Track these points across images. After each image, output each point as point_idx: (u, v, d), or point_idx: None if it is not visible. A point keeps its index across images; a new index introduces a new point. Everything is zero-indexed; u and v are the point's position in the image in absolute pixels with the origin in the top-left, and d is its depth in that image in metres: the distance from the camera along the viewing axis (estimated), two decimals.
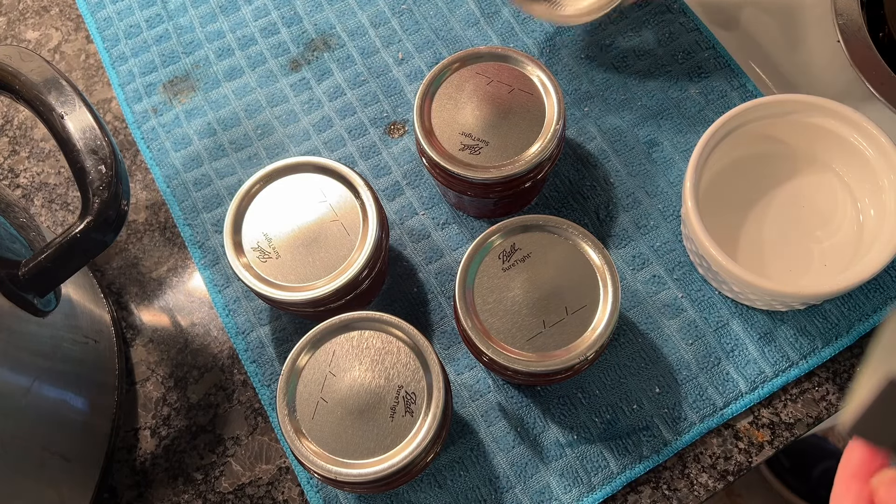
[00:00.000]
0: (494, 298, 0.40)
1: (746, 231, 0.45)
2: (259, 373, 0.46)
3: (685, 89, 0.51)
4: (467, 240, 0.49)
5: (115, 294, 0.50)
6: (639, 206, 0.49)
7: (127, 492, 0.45)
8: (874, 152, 0.43)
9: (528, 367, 0.38)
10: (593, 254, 0.40)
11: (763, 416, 0.44)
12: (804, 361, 0.44)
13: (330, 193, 0.43)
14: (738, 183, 0.46)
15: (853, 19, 0.52)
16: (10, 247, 0.37)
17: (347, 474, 0.36)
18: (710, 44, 0.52)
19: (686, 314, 0.46)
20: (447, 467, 0.44)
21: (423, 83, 0.44)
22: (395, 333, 0.39)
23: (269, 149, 0.52)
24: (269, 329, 0.47)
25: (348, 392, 0.38)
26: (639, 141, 0.50)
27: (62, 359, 0.41)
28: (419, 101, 0.44)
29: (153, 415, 0.47)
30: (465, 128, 0.44)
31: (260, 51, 0.55)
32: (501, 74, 0.45)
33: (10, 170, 0.54)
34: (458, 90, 0.45)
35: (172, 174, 0.52)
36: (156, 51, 0.56)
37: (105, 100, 0.55)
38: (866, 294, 0.46)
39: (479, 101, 0.44)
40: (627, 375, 0.45)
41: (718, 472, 0.43)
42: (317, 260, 0.41)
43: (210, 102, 0.54)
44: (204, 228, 0.50)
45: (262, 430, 0.46)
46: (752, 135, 0.45)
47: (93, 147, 0.36)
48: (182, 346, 0.48)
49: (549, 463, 0.43)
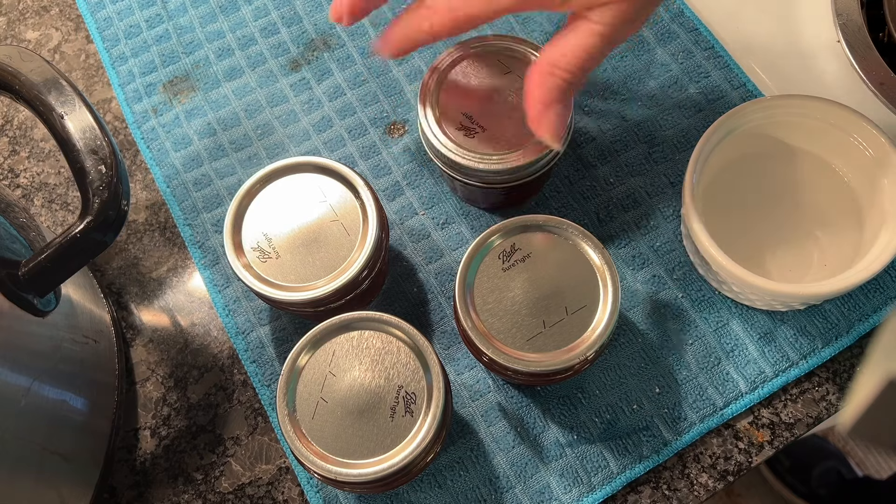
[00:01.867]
0: (494, 298, 0.40)
1: (746, 231, 0.45)
2: (259, 373, 0.46)
3: (685, 89, 0.51)
4: (467, 240, 0.49)
5: (115, 294, 0.50)
6: (639, 206, 0.49)
7: (127, 492, 0.45)
8: (874, 152, 0.43)
9: (528, 367, 0.38)
10: (593, 254, 0.40)
11: (763, 416, 0.44)
12: (804, 361, 0.44)
13: (330, 193, 0.43)
14: (738, 183, 0.46)
15: (853, 19, 0.52)
16: (10, 247, 0.37)
17: (347, 474, 0.36)
18: (710, 44, 0.53)
19: (686, 314, 0.46)
20: (447, 467, 0.44)
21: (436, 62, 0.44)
22: (395, 333, 0.39)
23: (269, 149, 0.52)
24: (269, 329, 0.47)
25: (348, 392, 0.38)
26: (639, 141, 0.50)
27: (62, 359, 0.41)
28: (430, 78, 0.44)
29: (153, 415, 0.47)
30: (467, 110, 0.43)
31: (260, 51, 0.55)
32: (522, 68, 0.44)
33: (10, 170, 0.54)
34: (469, 75, 0.44)
35: (172, 174, 0.52)
36: (156, 51, 0.56)
37: (105, 100, 0.55)
38: (866, 294, 0.46)
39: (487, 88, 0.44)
40: (627, 375, 0.45)
41: (718, 472, 0.43)
42: (317, 260, 0.41)
43: (210, 102, 0.54)
44: (204, 228, 0.50)
45: (262, 430, 0.46)
46: (752, 135, 0.45)
47: (93, 147, 0.36)
48: (182, 346, 0.48)
49: (549, 463, 0.43)
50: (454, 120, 0.43)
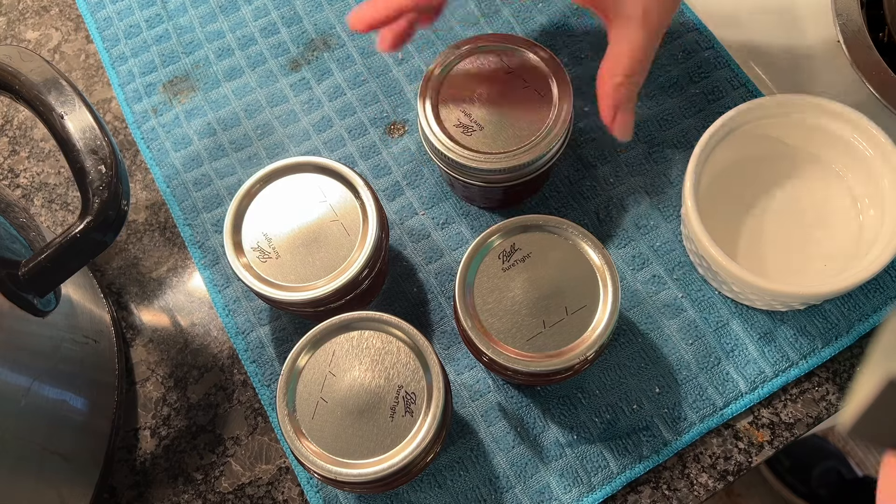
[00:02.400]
0: (494, 298, 0.40)
1: (746, 231, 0.45)
2: (259, 373, 0.46)
3: (685, 89, 0.51)
4: (467, 240, 0.49)
5: (115, 294, 0.50)
6: (639, 206, 0.49)
7: (127, 492, 0.45)
8: (874, 152, 0.43)
9: (528, 367, 0.38)
10: (593, 254, 0.40)
11: (763, 416, 0.44)
12: (804, 361, 0.44)
13: (330, 193, 0.43)
14: (738, 183, 0.46)
15: (853, 19, 0.52)
16: (10, 247, 0.37)
17: (347, 474, 0.36)
18: (710, 44, 0.52)
19: (686, 314, 0.46)
20: (447, 467, 0.44)
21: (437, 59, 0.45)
22: (395, 333, 0.39)
23: (269, 149, 0.52)
24: (269, 329, 0.47)
25: (348, 392, 0.38)
26: (639, 141, 0.50)
27: (62, 359, 0.41)
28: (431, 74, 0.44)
29: (153, 415, 0.47)
30: (467, 108, 0.44)
31: (260, 51, 0.55)
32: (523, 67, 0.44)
33: (10, 170, 0.54)
34: (471, 73, 0.44)
35: (172, 174, 0.52)
36: (156, 51, 0.56)
37: (105, 100, 0.55)
38: (866, 294, 0.46)
39: (488, 86, 0.44)
40: (627, 375, 0.45)
41: (718, 472, 0.43)
42: (317, 260, 0.41)
43: (210, 102, 0.54)
44: (204, 228, 0.50)
45: (262, 430, 0.46)
46: (752, 135, 0.45)
47: (93, 147, 0.36)
48: (182, 346, 0.48)
49: (549, 463, 0.43)
50: (453, 119, 0.43)
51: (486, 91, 0.44)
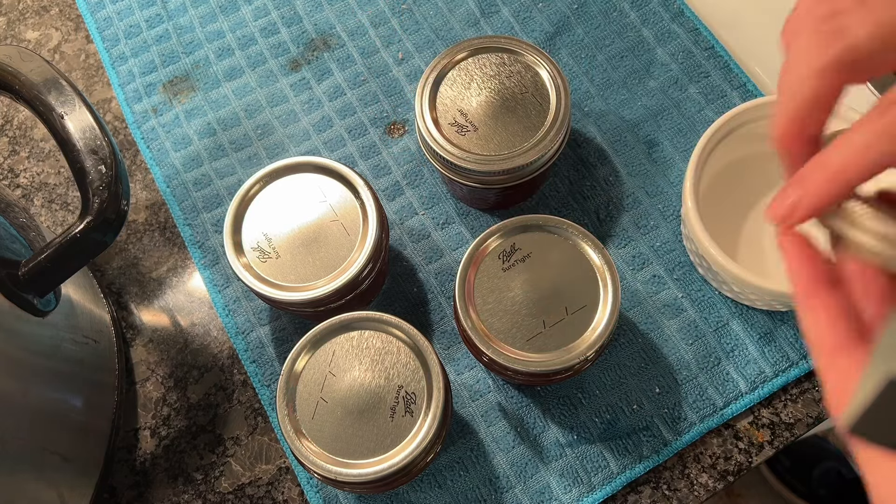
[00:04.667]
0: (494, 298, 0.39)
1: (746, 231, 0.45)
2: (259, 373, 0.46)
3: (685, 89, 0.51)
4: (467, 240, 0.49)
5: (115, 294, 0.50)
6: (639, 206, 0.49)
7: (127, 492, 0.45)
8: None
9: (528, 367, 0.38)
10: (593, 254, 0.40)
11: (763, 416, 0.44)
12: (804, 361, 0.44)
13: (330, 193, 0.43)
14: (738, 183, 0.46)
15: None
16: (10, 247, 0.37)
17: (347, 474, 0.36)
18: (709, 44, 0.52)
19: (686, 314, 0.46)
20: (447, 467, 0.44)
21: (431, 65, 0.45)
22: (395, 333, 0.39)
23: (269, 149, 0.52)
24: (269, 329, 0.47)
25: (348, 392, 0.38)
26: (639, 141, 0.50)
27: (62, 359, 0.41)
28: (426, 80, 0.44)
29: (153, 415, 0.47)
30: (464, 108, 0.44)
31: (260, 51, 0.55)
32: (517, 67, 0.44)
33: (10, 170, 0.54)
34: (469, 75, 0.44)
35: (172, 174, 0.52)
36: (156, 51, 0.56)
37: (105, 100, 0.55)
38: None
39: (486, 87, 0.44)
40: (627, 375, 0.45)
41: (718, 472, 0.43)
42: (317, 260, 0.41)
43: (210, 102, 0.54)
44: (204, 228, 0.50)
45: (262, 430, 0.46)
46: (752, 135, 0.45)
47: (93, 147, 0.36)
48: (182, 346, 0.48)
49: (549, 463, 0.43)
50: (452, 120, 0.43)
51: (484, 92, 0.44)
